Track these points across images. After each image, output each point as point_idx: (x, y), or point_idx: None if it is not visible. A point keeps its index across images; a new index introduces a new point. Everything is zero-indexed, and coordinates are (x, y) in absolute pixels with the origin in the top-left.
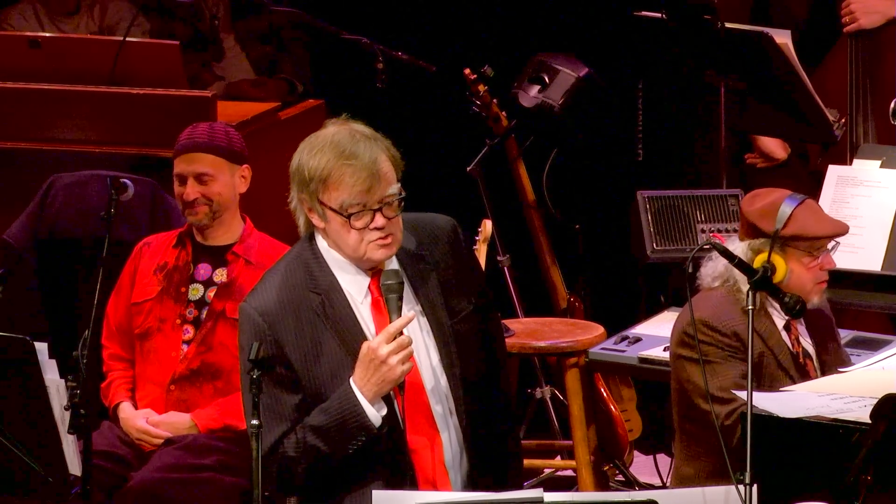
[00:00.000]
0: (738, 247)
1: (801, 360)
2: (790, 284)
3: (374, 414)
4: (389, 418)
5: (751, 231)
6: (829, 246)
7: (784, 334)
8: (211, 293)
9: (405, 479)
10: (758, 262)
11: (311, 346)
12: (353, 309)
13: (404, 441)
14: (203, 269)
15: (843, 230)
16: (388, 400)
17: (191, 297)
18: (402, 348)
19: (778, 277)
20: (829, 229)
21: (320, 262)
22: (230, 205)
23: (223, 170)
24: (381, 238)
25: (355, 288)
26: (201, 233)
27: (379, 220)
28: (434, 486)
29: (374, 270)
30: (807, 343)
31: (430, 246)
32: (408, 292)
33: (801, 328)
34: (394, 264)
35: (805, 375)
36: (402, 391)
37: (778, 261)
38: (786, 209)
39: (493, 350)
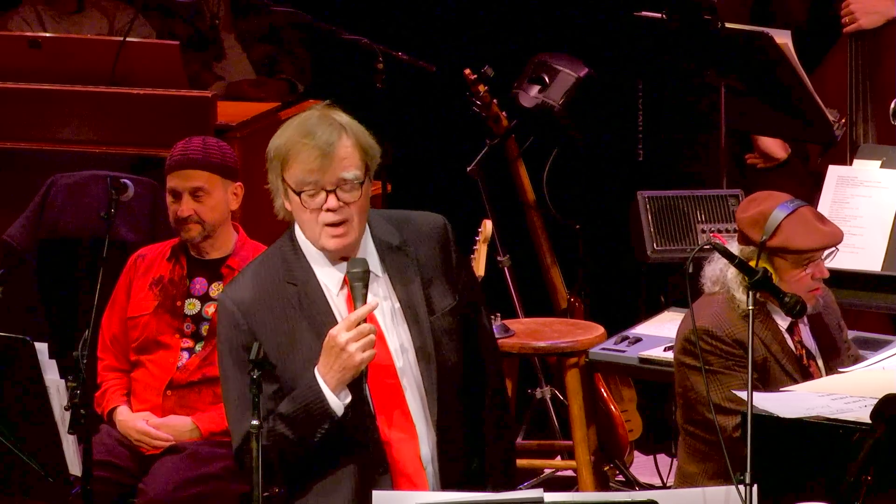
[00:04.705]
0: (734, 251)
1: (804, 361)
2: None
3: (336, 402)
4: (359, 408)
5: (741, 238)
6: (824, 255)
7: (787, 336)
8: (209, 309)
9: (379, 470)
10: None
11: (287, 337)
12: (328, 300)
13: (376, 431)
14: (199, 284)
15: (833, 242)
16: (357, 389)
17: (187, 311)
18: (363, 336)
19: None
20: (816, 242)
21: (298, 254)
22: (222, 223)
23: (217, 186)
24: (333, 225)
25: (331, 280)
26: (195, 247)
27: (332, 202)
28: (410, 480)
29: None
30: (810, 345)
31: (416, 243)
32: (386, 285)
33: (805, 330)
34: (373, 257)
35: (808, 377)
36: (364, 379)
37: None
38: (774, 220)
39: (480, 347)
